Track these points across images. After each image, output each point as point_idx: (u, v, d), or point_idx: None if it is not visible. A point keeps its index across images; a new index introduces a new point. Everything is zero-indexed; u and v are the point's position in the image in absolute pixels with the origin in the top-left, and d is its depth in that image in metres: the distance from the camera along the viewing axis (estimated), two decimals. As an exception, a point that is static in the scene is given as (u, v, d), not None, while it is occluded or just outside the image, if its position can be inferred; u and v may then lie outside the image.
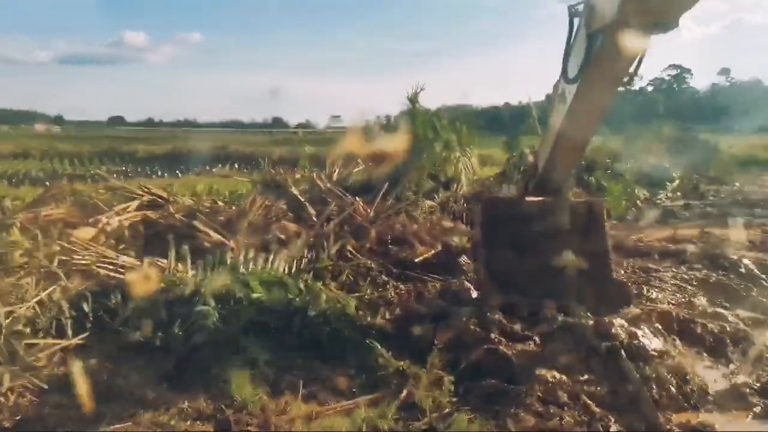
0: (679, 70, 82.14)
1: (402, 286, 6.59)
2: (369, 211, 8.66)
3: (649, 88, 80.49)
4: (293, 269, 6.23)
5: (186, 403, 4.06)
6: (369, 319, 5.42)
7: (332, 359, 4.83)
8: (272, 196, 8.33)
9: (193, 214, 7.76)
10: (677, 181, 16.54)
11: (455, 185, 11.28)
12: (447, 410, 4.12)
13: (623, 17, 4.14)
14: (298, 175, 10.23)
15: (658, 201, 14.86)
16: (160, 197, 8.52)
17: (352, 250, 7.13)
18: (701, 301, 5.99)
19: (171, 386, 4.32)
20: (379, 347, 4.77)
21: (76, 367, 4.23)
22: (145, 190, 8.69)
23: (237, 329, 4.76)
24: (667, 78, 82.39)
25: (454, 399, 4.23)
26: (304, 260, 6.55)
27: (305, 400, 4.28)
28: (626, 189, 13.69)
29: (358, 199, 8.91)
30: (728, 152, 22.08)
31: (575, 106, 5.03)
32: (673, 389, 4.28)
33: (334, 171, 10.24)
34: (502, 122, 41.43)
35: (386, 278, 6.72)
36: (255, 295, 5.07)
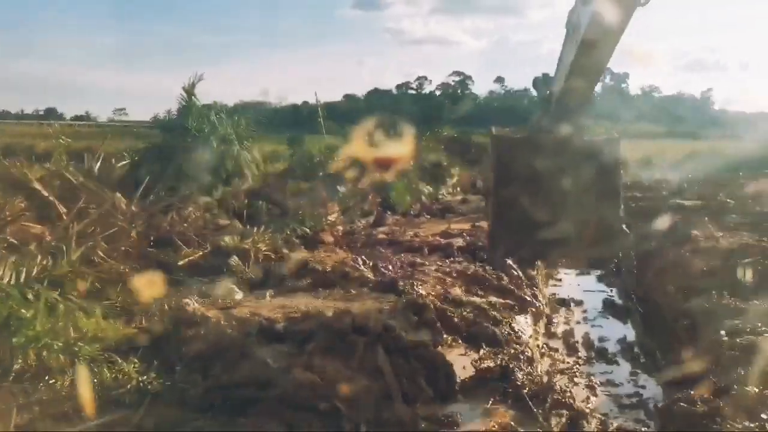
0: (462, 77, 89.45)
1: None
2: (131, 208, 7.87)
3: (437, 93, 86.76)
4: (21, 277, 5.34)
5: None
6: (110, 332, 4.79)
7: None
8: (9, 194, 7.17)
9: None
10: (456, 178, 17.72)
11: (237, 180, 10.85)
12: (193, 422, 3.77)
13: None
14: (53, 168, 9.01)
15: (440, 197, 15.77)
16: None
17: (101, 253, 6.36)
18: (457, 291, 6.27)
19: None
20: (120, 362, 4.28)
21: None
22: None
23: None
24: (452, 83, 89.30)
25: (198, 414, 3.88)
26: (36, 267, 5.66)
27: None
28: (410, 185, 14.28)
29: (119, 195, 8.06)
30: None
31: (592, 27, 4.90)
32: (422, 381, 4.34)
33: (95, 165, 9.18)
34: (299, 121, 41.48)
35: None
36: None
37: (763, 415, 3.68)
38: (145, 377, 4.22)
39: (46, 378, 4.24)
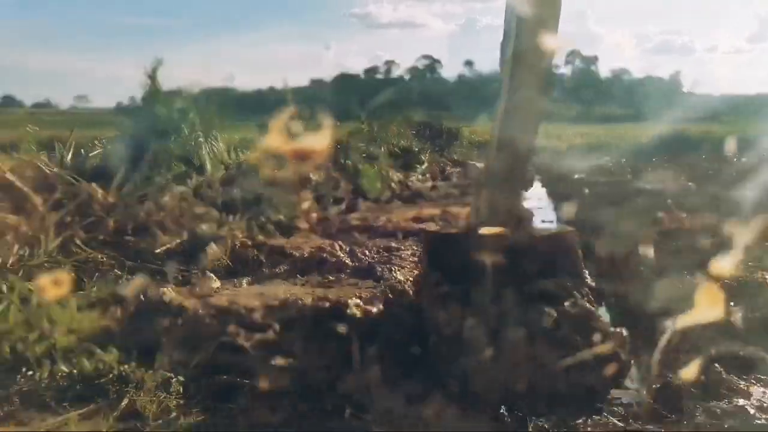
0: (430, 60, 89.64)
1: (139, 281, 6.04)
2: (108, 198, 7.83)
3: (406, 77, 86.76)
4: (-6, 269, 5.33)
5: None
6: (86, 323, 4.81)
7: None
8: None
9: None
10: (426, 164, 17.89)
11: (210, 169, 10.80)
12: (174, 414, 3.84)
13: None
14: (26, 159, 8.87)
15: (410, 183, 15.90)
16: None
17: (79, 243, 6.34)
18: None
19: None
20: (99, 351, 4.31)
21: None
22: None
23: None
24: (421, 67, 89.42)
25: (182, 401, 3.94)
26: (12, 258, 5.64)
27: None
28: (380, 172, 14.39)
29: (94, 185, 8.00)
30: (468, 137, 24.58)
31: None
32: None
33: (66, 154, 9.07)
34: (266, 106, 41.06)
35: (120, 272, 6.11)
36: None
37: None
38: (126, 366, 4.27)
39: (23, 369, 4.27)
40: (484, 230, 4.36)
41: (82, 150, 9.87)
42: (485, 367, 3.93)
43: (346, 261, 6.88)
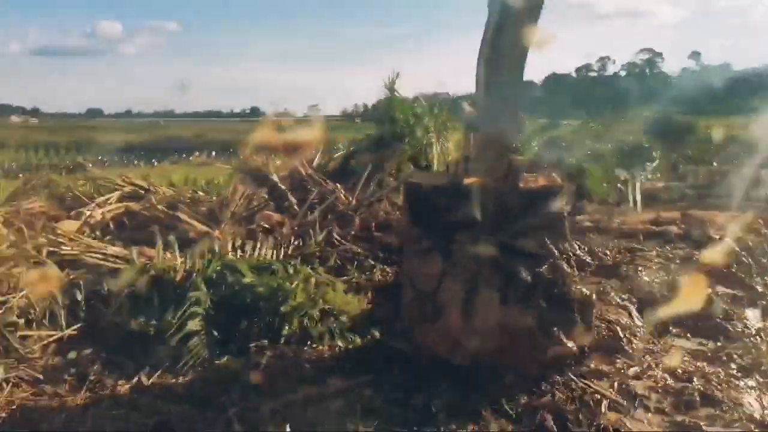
0: (650, 54, 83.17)
1: (388, 270, 6.68)
2: (351, 198, 8.68)
3: (623, 73, 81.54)
4: (281, 256, 6.26)
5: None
6: (353, 306, 5.44)
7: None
8: (253, 185, 8.34)
9: (175, 205, 7.77)
10: (656, 162, 16.72)
11: (435, 170, 11.35)
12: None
13: None
14: (278, 162, 10.21)
15: (639, 183, 15.02)
16: (141, 187, 8.48)
17: (337, 237, 7.18)
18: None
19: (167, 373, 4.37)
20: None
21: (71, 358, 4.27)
22: (126, 180, 8.65)
23: (229, 315, 4.80)
24: (639, 62, 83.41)
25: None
26: (291, 247, 6.58)
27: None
28: (606, 171, 13.82)
29: (339, 186, 8.94)
30: (705, 133, 22.39)
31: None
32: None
33: (314, 157, 10.23)
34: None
35: (373, 262, 6.81)
36: (246, 280, 5.08)
37: None
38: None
39: (308, 342, 4.98)
40: (469, 181, 4.02)
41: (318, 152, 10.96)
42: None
43: (587, 259, 6.86)
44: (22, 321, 4.67)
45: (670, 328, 5.18)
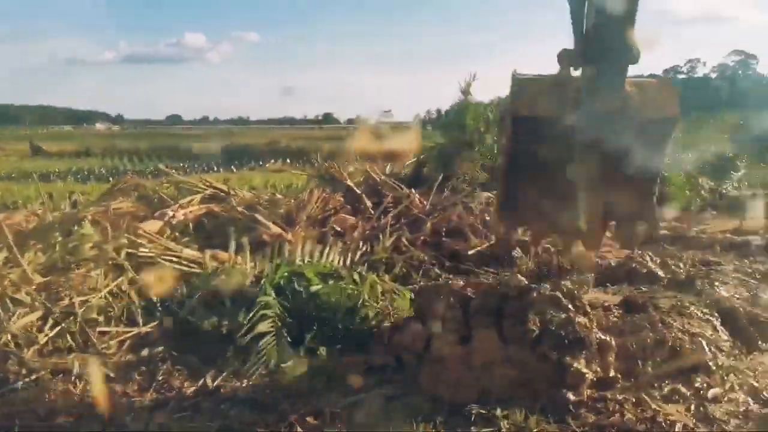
0: (743, 56, 78.87)
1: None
2: (425, 203, 8.68)
3: (713, 75, 77.71)
4: (348, 261, 6.32)
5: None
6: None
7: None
8: (329, 189, 8.48)
9: (254, 207, 7.96)
10: (743, 171, 15.87)
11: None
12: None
13: None
14: (351, 168, 10.34)
15: (723, 191, 14.29)
16: (221, 191, 8.76)
17: (406, 242, 7.17)
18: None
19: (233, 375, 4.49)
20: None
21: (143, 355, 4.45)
22: (207, 183, 8.95)
23: (297, 320, 4.89)
24: (731, 64, 79.30)
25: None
26: (359, 252, 6.64)
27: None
28: (689, 179, 13.23)
29: (413, 191, 8.96)
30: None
31: None
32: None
33: (387, 163, 10.31)
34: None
35: (438, 271, 6.76)
36: (313, 288, 5.15)
37: None
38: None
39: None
40: None
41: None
42: None
43: (658, 272, 6.55)
44: (101, 318, 4.93)
45: (760, 343, 4.86)
